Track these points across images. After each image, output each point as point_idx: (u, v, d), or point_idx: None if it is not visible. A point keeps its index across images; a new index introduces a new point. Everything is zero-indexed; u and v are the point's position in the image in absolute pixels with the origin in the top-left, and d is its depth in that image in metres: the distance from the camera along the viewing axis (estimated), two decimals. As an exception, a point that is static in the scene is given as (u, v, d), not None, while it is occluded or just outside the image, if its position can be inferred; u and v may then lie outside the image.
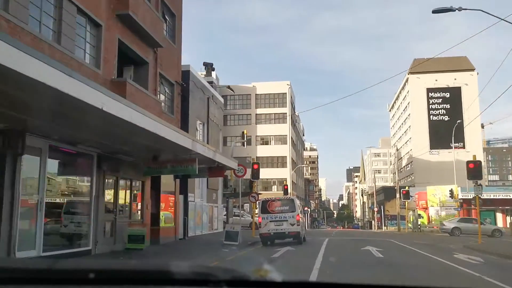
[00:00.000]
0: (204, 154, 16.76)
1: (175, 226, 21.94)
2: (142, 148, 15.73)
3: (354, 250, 18.78)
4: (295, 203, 22.70)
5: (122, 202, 17.32)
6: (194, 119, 25.08)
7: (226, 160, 20.30)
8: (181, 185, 23.56)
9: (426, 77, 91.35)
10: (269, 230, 22.00)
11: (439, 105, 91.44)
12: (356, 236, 32.56)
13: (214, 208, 28.33)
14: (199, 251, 17.74)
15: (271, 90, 72.47)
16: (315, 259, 14.15)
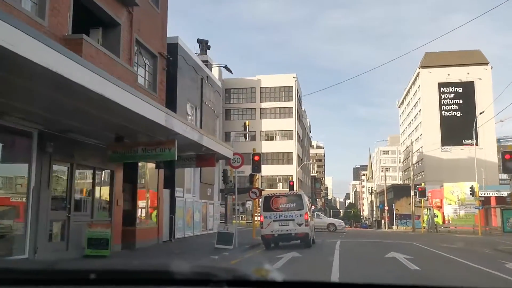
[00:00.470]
0: (185, 134, 12.85)
1: (158, 227, 18.03)
2: (103, 125, 11.84)
3: (377, 257, 14.74)
4: (303, 199, 18.75)
5: (81, 196, 13.45)
6: (184, 102, 21.18)
7: (218, 146, 16.37)
8: (167, 177, 19.64)
9: (438, 71, 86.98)
10: (272, 231, 18.10)
11: (451, 100, 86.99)
12: (370, 237, 28.51)
13: (209, 205, 24.43)
14: (181, 258, 13.79)
15: (276, 83, 68.46)
16: (330, 272, 10.25)
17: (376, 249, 18.10)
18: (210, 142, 15.25)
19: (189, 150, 15.66)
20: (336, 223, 38.72)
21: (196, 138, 13.76)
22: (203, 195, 23.82)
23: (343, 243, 20.83)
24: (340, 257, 14.27)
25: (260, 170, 24.98)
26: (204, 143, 14.55)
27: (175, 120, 12.11)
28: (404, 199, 78.53)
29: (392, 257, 14.32)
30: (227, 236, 17.17)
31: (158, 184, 18.23)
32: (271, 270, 1.45)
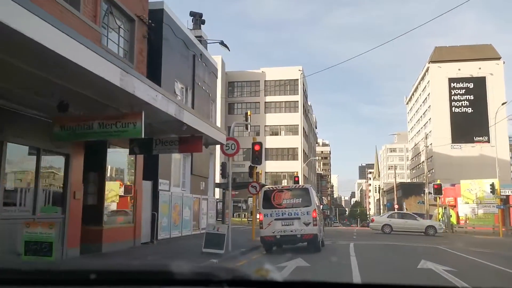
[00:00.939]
0: (155, 105, 9.45)
1: (135, 226, 14.64)
2: (40, 86, 8.47)
3: (408, 269, 11.20)
4: (310, 194, 15.33)
5: (18, 185, 10.08)
6: (171, 80, 17.77)
7: (205, 127, 12.94)
8: (148, 167, 16.27)
9: (448, 66, 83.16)
10: (274, 231, 14.75)
11: (462, 96, 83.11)
12: (385, 238, 24.98)
13: (202, 201, 21.02)
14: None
15: (281, 76, 64.91)
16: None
17: (401, 256, 14.59)
18: (194, 120, 11.82)
19: (167, 130, 12.27)
20: (436, 225, 31.93)
21: (172, 112, 10.34)
22: (195, 189, 20.40)
23: (357, 247, 17.37)
24: (359, 268, 10.78)
25: (260, 162, 21.57)
26: (185, 119, 11.12)
27: (138, 82, 8.69)
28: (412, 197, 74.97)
29: (427, 268, 10.84)
30: (218, 238, 13.78)
31: (135, 174, 14.84)
32: (271, 270, 1.40)
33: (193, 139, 13.26)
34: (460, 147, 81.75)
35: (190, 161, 19.97)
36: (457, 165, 76.17)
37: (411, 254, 15.00)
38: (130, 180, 14.84)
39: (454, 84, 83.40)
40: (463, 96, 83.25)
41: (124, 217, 14.23)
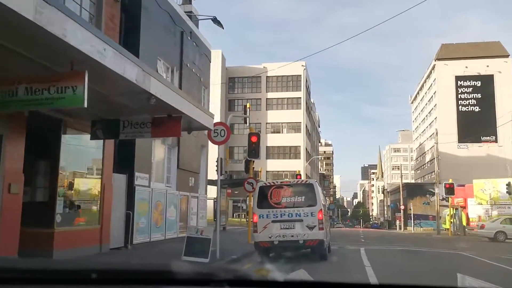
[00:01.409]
0: (103, 62, 6.68)
1: (102, 228, 11.86)
2: None
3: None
4: (315, 191, 12.54)
5: None
6: (153, 56, 14.99)
7: (185, 105, 10.16)
8: (122, 157, 13.52)
9: (455, 63, 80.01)
10: (271, 236, 12.02)
11: (469, 95, 79.95)
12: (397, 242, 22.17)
13: (191, 199, 18.25)
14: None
15: (284, 71, 61.99)
16: None
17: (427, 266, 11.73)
18: (167, 93, 9.02)
19: (133, 106, 9.51)
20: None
21: (132, 76, 7.56)
22: (182, 186, 17.61)
23: (370, 253, 14.56)
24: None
25: (258, 155, 18.85)
26: (153, 90, 8.34)
27: (71, 23, 5.92)
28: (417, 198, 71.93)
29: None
30: (201, 244, 11.06)
31: (103, 165, 12.06)
32: (271, 269, 1.39)
33: (170, 121, 10.51)
34: (467, 146, 78.75)
35: (176, 153, 17.19)
36: (464, 165, 73.09)
37: (438, 265, 12.17)
38: (97, 173, 12.07)
39: (461, 82, 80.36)
40: (470, 94, 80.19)
41: (86, 217, 11.45)
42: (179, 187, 17.34)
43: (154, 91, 8.52)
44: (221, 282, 1.31)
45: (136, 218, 13.83)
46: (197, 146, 19.34)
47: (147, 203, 14.57)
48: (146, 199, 14.50)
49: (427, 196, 71.25)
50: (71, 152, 11.01)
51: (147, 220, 14.54)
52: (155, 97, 8.64)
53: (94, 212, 11.82)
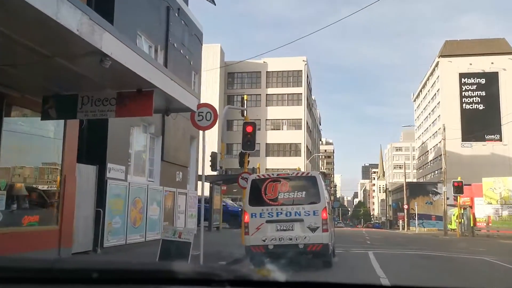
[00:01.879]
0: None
1: (61, 228, 9.75)
2: None
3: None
4: (319, 185, 10.41)
5: None
6: (131, 31, 12.86)
7: (159, 76, 8.04)
8: (91, 145, 11.42)
9: (459, 60, 77.79)
10: (265, 239, 9.91)
11: (473, 92, 77.73)
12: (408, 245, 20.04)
13: (178, 196, 16.13)
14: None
15: (284, 67, 60.02)
16: None
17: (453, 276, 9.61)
18: (128, 55, 6.90)
19: (85, 74, 7.40)
20: None
21: (72, 25, 5.44)
22: (167, 181, 15.48)
23: (381, 259, 12.44)
24: None
25: (254, 147, 16.78)
26: (105, 47, 6.18)
27: None
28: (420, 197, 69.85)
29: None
30: (179, 248, 8.97)
31: (63, 153, 9.95)
32: (273, 269, 1.37)
33: (140, 97, 8.40)
34: (471, 145, 76.59)
35: (161, 143, 15.06)
36: (468, 164, 70.94)
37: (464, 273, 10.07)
38: (56, 162, 9.95)
39: (465, 79, 78.17)
40: (474, 92, 78.01)
41: (40, 215, 9.33)
42: (164, 182, 15.21)
43: (109, 51, 6.39)
44: (222, 282, 1.26)
45: (109, 217, 11.72)
46: (186, 136, 17.22)
47: (123, 200, 12.45)
48: (122, 195, 12.38)
49: (430, 195, 69.26)
50: (17, 136, 8.90)
51: (123, 219, 12.42)
52: (110, 59, 6.52)
53: (50, 210, 9.70)
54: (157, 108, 9.77)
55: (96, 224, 11.33)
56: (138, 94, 8.42)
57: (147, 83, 7.86)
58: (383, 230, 61.44)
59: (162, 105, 9.70)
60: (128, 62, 6.99)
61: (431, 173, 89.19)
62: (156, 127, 14.74)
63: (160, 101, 9.24)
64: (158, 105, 9.48)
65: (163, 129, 15.11)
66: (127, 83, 8.12)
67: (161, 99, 9.04)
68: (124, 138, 12.76)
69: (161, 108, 9.82)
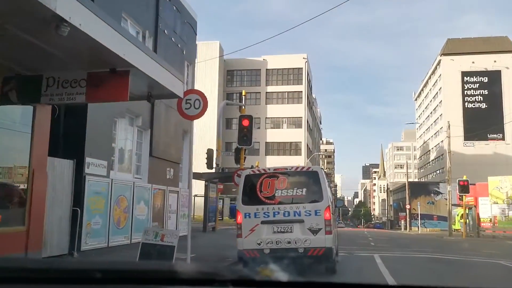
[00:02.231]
0: None
1: (29, 230, 8.55)
2: None
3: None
4: (321, 182, 9.18)
5: None
6: (115, 12, 11.68)
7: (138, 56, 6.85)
8: (67, 137, 10.23)
9: (461, 59, 76.50)
10: (260, 242, 8.70)
11: (475, 91, 76.45)
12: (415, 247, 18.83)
13: (169, 194, 14.93)
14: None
15: (284, 64, 58.81)
16: None
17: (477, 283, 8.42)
18: (94, 23, 5.71)
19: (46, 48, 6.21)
20: None
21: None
22: (157, 178, 14.26)
23: (389, 263, 11.24)
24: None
25: (250, 142, 15.63)
26: (60, 9, 5.02)
27: None
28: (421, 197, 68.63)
29: None
30: (162, 253, 7.77)
31: (31, 146, 8.74)
32: (275, 270, 1.38)
33: (114, 78, 7.23)
34: (473, 144, 75.36)
35: (149, 137, 13.85)
36: (470, 164, 69.67)
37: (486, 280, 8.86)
38: (24, 156, 8.74)
39: (468, 78, 76.91)
40: (476, 90, 76.76)
41: (3, 215, 8.13)
42: (153, 179, 14.00)
43: (66, 15, 5.20)
44: (225, 282, 1.25)
45: (87, 217, 10.51)
46: (178, 130, 15.98)
47: (104, 198, 11.24)
48: (103, 192, 11.17)
49: (431, 195, 68.07)
50: None
51: (104, 219, 11.21)
52: (68, 24, 5.32)
53: (16, 209, 8.50)
54: (137, 94, 8.60)
55: (72, 225, 10.13)
56: (112, 75, 7.24)
57: (121, 61, 6.67)
58: (385, 231, 60.22)
59: (143, 89, 8.52)
60: (94, 32, 5.79)
61: (433, 173, 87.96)
62: (144, 120, 13.54)
63: (140, 85, 8.07)
64: (137, 89, 8.32)
65: (151, 121, 13.91)
66: (98, 62, 6.95)
67: (141, 82, 7.87)
68: (107, 130, 11.55)
69: (141, 93, 8.64)
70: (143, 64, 7.24)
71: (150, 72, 7.50)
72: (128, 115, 12.79)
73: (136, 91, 8.59)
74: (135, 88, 8.33)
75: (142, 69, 7.17)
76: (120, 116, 12.23)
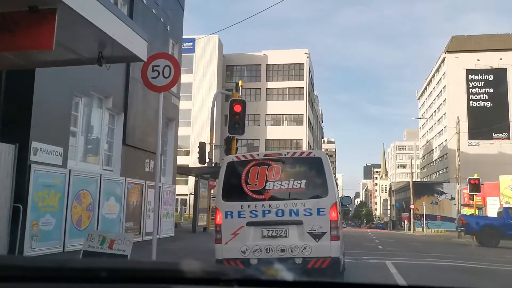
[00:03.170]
0: None
1: None
2: None
3: None
4: (325, 171, 6.94)
5: None
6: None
7: None
8: (6, 115, 8.09)
9: (466, 56, 74.26)
10: (245, 250, 6.44)
11: (480, 89, 74.24)
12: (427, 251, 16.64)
13: (148, 190, 12.77)
14: None
15: (285, 59, 56.61)
16: None
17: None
18: None
19: None
20: None
21: None
22: (132, 170, 12.09)
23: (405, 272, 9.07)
24: None
25: (243, 131, 13.45)
26: None
27: None
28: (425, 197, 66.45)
29: None
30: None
31: None
32: (281, 269, 1.33)
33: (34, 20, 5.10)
34: (478, 143, 73.20)
35: (122, 121, 11.68)
36: (474, 163, 67.40)
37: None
38: None
39: (472, 76, 74.72)
40: (482, 89, 74.59)
41: None
42: (127, 171, 11.82)
43: None
44: (230, 282, 1.22)
45: (34, 216, 8.35)
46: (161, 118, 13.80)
47: (60, 193, 9.06)
48: (57, 186, 9.00)
49: (435, 195, 65.97)
50: None
51: (59, 219, 9.03)
52: None
53: None
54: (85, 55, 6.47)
55: (13, 225, 7.97)
56: (31, 16, 5.09)
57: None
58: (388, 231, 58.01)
59: (91, 48, 6.36)
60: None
61: (436, 173, 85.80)
62: (116, 101, 11.36)
63: (85, 40, 5.95)
64: (83, 47, 6.19)
65: (125, 104, 11.74)
66: None
67: (86, 36, 5.76)
68: (63, 109, 9.38)
69: (90, 54, 6.48)
70: (80, 2, 5.08)
71: (93, 18, 5.34)
72: (95, 94, 10.63)
73: (81, 50, 6.43)
74: (80, 45, 6.18)
75: (78, 9, 5.01)
76: (84, 94, 10.06)
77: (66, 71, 9.22)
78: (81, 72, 9.61)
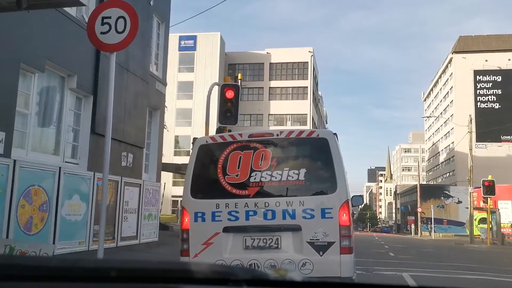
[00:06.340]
0: None
1: None
2: None
3: None
4: (333, 157, 4.98)
5: None
6: None
7: None
8: None
9: (474, 57, 72.25)
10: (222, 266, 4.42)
11: (488, 91, 72.14)
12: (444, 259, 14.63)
13: (125, 187, 10.86)
14: None
15: (289, 58, 54.72)
16: None
17: None
18: None
19: None
20: None
21: None
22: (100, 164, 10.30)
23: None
24: None
25: (235, 120, 11.54)
26: None
27: None
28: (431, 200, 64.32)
29: None
30: None
31: None
32: (289, 270, 1.34)
33: None
34: (485, 146, 71.05)
35: (91, 106, 9.81)
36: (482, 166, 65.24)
37: None
38: None
39: (480, 77, 72.65)
40: (489, 90, 72.50)
41: None
42: (97, 165, 9.90)
43: None
44: (239, 282, 1.22)
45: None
46: (140, 104, 11.90)
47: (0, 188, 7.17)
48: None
49: (441, 198, 63.96)
50: None
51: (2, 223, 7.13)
52: None
53: None
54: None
55: None
56: None
57: None
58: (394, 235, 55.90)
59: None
60: None
61: (442, 176, 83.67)
62: (82, 81, 9.45)
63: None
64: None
65: (95, 85, 9.84)
66: None
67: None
68: (6, 86, 7.48)
69: None
70: None
71: None
72: (52, 70, 8.73)
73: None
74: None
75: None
76: (36, 69, 8.16)
77: (10, 37, 7.34)
78: (31, 41, 7.72)
